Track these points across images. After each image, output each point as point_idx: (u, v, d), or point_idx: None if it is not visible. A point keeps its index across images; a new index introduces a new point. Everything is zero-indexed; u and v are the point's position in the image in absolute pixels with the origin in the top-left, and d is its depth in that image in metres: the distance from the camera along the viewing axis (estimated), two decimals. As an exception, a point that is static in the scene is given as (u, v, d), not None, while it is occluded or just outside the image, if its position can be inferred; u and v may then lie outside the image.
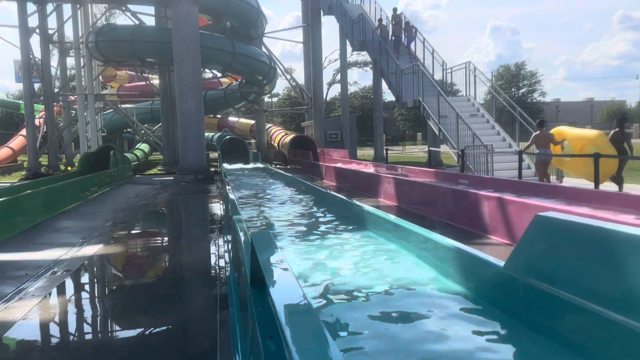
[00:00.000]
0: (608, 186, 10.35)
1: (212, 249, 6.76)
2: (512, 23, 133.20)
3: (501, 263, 3.21)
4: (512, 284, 3.03)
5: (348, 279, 4.21)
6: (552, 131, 12.33)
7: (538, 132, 12.01)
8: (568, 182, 12.24)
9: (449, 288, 3.69)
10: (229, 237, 6.12)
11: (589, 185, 9.72)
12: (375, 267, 4.52)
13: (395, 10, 22.27)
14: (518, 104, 16.65)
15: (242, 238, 4.22)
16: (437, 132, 16.86)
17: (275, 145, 27.15)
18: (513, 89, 54.50)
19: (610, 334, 2.32)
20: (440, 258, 4.07)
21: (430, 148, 19.43)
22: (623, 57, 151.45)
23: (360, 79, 75.99)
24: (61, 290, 4.99)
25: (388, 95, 27.32)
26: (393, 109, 51.63)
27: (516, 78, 55.70)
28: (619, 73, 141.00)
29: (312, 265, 4.78)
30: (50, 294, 4.77)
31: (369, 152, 28.33)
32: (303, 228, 6.97)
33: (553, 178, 12.47)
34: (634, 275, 2.26)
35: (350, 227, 6.46)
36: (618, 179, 10.65)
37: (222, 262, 5.80)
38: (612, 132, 11.15)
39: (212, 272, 5.66)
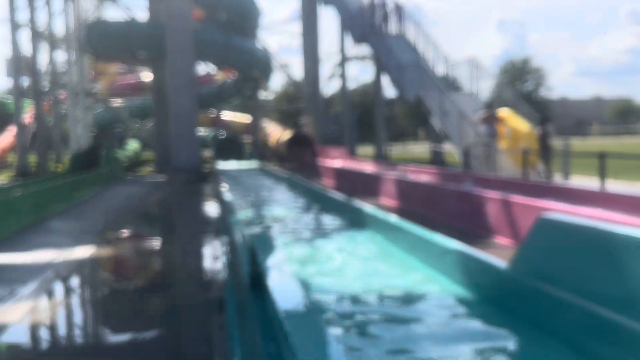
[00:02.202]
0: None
1: (208, 251, 6.71)
2: (519, 16, 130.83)
3: (504, 265, 3.19)
4: (515, 286, 3.02)
5: (348, 281, 4.12)
6: (498, 111, 14.21)
7: (485, 111, 13.82)
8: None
9: (450, 290, 3.62)
10: (226, 239, 6.05)
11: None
12: (374, 269, 4.45)
13: None
14: (523, 100, 16.19)
15: (240, 240, 4.21)
16: (439, 130, 16.23)
17: (272, 143, 26.45)
18: (518, 85, 53.68)
19: (614, 336, 2.29)
20: (441, 259, 4.00)
21: (433, 146, 18.79)
22: (632, 52, 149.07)
23: (361, 74, 75.18)
24: (55, 293, 5.07)
25: (389, 91, 26.55)
26: (393, 104, 50.85)
27: (522, 73, 54.77)
28: (627, 68, 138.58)
29: (309, 267, 4.65)
30: (43, 297, 4.82)
31: (369, 149, 27.63)
32: (300, 229, 6.71)
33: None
34: (637, 278, 2.21)
35: (348, 227, 6.31)
36: (547, 171, 12.15)
37: (219, 265, 5.64)
38: (538, 132, 13.04)
39: (209, 275, 5.65)
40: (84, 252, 6.66)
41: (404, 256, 4.63)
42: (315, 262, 4.86)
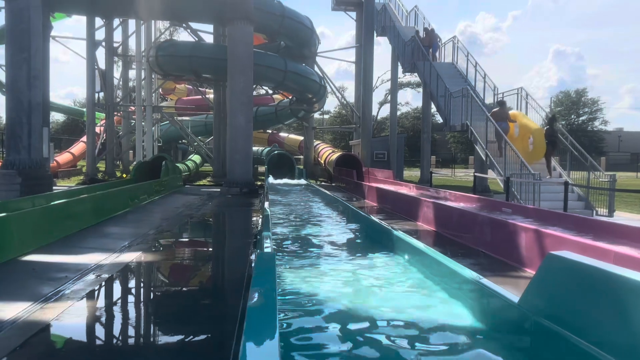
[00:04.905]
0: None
1: (240, 262, 6.81)
2: (577, 48, 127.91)
3: (516, 299, 3.24)
4: (524, 321, 3.05)
5: (359, 302, 4.28)
6: (510, 112, 15.86)
7: (498, 109, 15.58)
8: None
9: (462, 316, 3.72)
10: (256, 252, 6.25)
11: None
12: (387, 291, 4.61)
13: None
14: (577, 132, 16.47)
15: (265, 254, 4.54)
16: (484, 158, 16.63)
17: (322, 162, 27.40)
18: (573, 116, 52.91)
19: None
20: (460, 287, 4.11)
21: (476, 174, 19.15)
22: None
23: (414, 99, 75.70)
24: (96, 294, 5.16)
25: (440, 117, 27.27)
26: (444, 130, 51.06)
27: (576, 105, 54.05)
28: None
29: (328, 285, 4.90)
30: (84, 297, 4.91)
31: (416, 173, 28.13)
32: (328, 247, 7.14)
33: (601, 211, 12.41)
34: (635, 323, 2.22)
35: (374, 249, 6.64)
36: (548, 166, 14.36)
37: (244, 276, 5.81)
38: (545, 128, 14.73)
39: (235, 285, 5.67)
40: (131, 255, 6.97)
41: (424, 280, 4.82)
42: (332, 280, 5.08)
